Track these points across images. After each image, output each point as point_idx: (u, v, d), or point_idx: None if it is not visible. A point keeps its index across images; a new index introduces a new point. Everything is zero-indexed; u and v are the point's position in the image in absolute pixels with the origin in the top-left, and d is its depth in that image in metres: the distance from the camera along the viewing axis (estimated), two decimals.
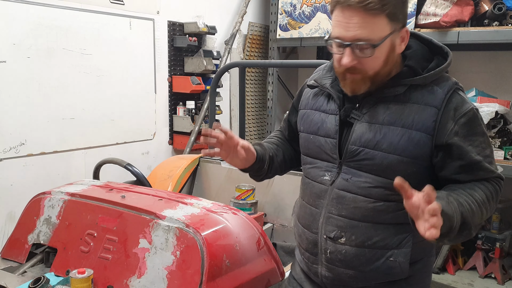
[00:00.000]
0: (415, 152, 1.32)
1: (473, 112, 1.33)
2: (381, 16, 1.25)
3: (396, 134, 1.32)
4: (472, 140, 1.32)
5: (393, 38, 1.30)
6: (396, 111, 1.34)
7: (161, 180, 2.94)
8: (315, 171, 1.48)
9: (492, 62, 4.10)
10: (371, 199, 1.36)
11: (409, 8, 3.65)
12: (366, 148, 1.35)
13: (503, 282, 3.75)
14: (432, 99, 1.33)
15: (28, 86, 2.98)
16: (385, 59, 1.31)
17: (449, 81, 1.37)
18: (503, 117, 3.48)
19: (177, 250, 1.64)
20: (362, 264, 1.40)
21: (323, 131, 1.45)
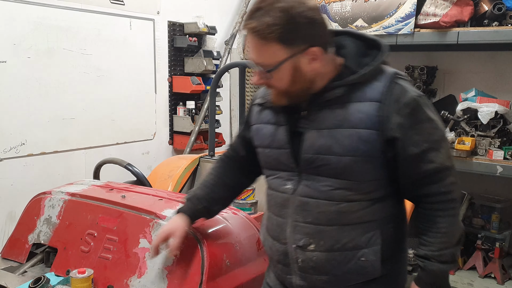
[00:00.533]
0: (366, 150, 1.32)
1: (417, 101, 1.32)
2: (273, 41, 1.26)
3: (346, 135, 1.32)
4: (417, 128, 1.31)
5: (295, 61, 1.29)
6: (341, 113, 1.34)
7: (161, 180, 2.94)
8: (277, 182, 1.47)
9: (492, 62, 4.10)
10: (333, 202, 1.37)
11: (409, 8, 3.65)
12: (320, 155, 1.35)
13: (502, 282, 3.75)
14: (373, 94, 1.33)
15: (28, 86, 2.99)
16: (291, 80, 1.32)
17: (387, 73, 1.36)
18: (503, 117, 3.48)
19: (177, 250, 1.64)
20: (334, 268, 1.40)
21: (276, 143, 1.44)
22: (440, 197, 1.34)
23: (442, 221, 1.33)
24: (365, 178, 1.35)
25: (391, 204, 1.43)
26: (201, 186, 1.68)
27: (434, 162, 1.32)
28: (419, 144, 1.31)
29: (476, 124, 3.51)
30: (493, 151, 3.38)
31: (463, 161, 3.42)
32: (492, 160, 3.37)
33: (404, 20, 3.67)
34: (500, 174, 3.35)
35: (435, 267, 1.33)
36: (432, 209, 1.35)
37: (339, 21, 3.98)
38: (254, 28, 1.26)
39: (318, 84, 1.35)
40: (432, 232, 1.34)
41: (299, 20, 1.25)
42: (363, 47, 1.40)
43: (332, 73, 1.36)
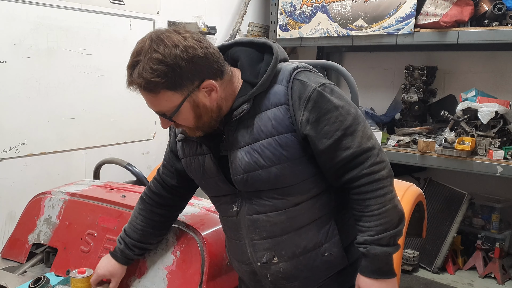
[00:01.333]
0: (289, 154, 1.32)
1: (317, 92, 1.31)
2: (162, 90, 1.25)
3: (266, 146, 1.32)
4: (325, 119, 1.30)
5: (193, 99, 1.29)
6: (254, 126, 1.33)
7: None
8: (223, 207, 1.48)
9: (492, 62, 4.10)
10: (281, 211, 1.38)
11: (409, 8, 3.65)
12: (249, 172, 1.34)
13: (503, 282, 3.75)
14: (277, 99, 1.32)
15: (28, 86, 2.98)
16: (195, 117, 1.32)
17: (285, 72, 1.35)
18: (503, 117, 3.48)
19: (177, 250, 1.65)
20: (303, 271, 1.43)
21: (208, 173, 1.44)
22: (365, 179, 1.31)
23: (373, 203, 1.31)
24: (299, 180, 1.35)
25: (337, 193, 1.43)
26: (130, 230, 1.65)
27: (350, 148, 1.30)
28: (331, 134, 1.30)
29: (476, 124, 3.51)
30: (493, 151, 3.38)
31: (463, 161, 3.42)
32: (492, 160, 3.37)
33: (404, 20, 3.67)
34: (500, 174, 3.35)
35: (378, 251, 1.31)
36: (360, 193, 1.32)
37: (339, 21, 3.98)
38: (139, 84, 1.25)
39: (227, 106, 1.35)
40: (366, 216, 1.32)
41: (179, 64, 1.23)
42: (255, 54, 1.39)
43: (235, 92, 1.35)
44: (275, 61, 1.34)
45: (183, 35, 1.26)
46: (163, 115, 1.33)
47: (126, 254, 1.64)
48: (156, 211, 1.64)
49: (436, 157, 3.52)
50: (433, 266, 3.87)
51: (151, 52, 1.24)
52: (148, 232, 1.64)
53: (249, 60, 1.37)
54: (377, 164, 1.31)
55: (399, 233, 1.33)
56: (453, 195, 4.01)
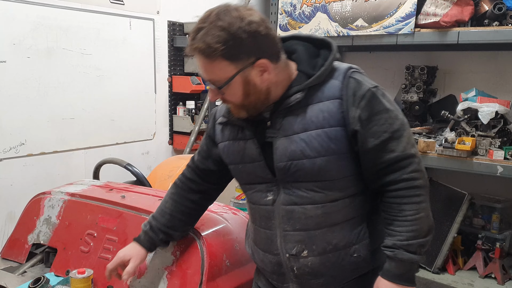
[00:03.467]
0: (337, 147, 1.34)
1: (371, 92, 1.34)
2: (219, 59, 1.28)
3: (314, 137, 1.34)
4: (376, 120, 1.33)
5: (245, 75, 1.31)
6: (305, 116, 1.36)
7: (161, 180, 2.94)
8: (257, 195, 1.48)
9: (492, 62, 4.10)
10: (318, 205, 1.38)
11: (409, 8, 3.65)
12: (293, 161, 1.36)
13: (503, 282, 3.74)
14: (332, 92, 1.35)
15: (28, 86, 2.98)
16: (244, 93, 1.33)
17: (341, 69, 1.38)
18: (503, 117, 3.47)
19: (177, 250, 1.64)
20: (330, 269, 1.43)
21: (247, 158, 1.44)
22: (404, 184, 1.33)
23: (408, 208, 1.32)
24: (341, 175, 1.37)
25: (372, 196, 1.44)
26: (158, 214, 1.65)
27: (395, 151, 1.32)
28: (379, 135, 1.32)
29: (477, 124, 3.50)
30: (494, 151, 3.38)
31: (463, 161, 3.41)
32: (493, 160, 3.36)
33: (404, 20, 3.67)
34: (501, 174, 3.35)
35: (406, 257, 1.32)
36: (396, 197, 1.34)
37: (339, 20, 3.98)
38: (198, 49, 1.28)
39: (276, 93, 1.37)
40: (398, 221, 1.33)
41: (240, 36, 1.26)
42: (312, 49, 1.43)
43: (288, 80, 1.38)
44: (333, 57, 1.38)
45: (250, 12, 1.31)
46: (213, 84, 1.35)
47: (150, 237, 1.62)
48: (188, 196, 1.64)
49: (437, 157, 3.51)
50: (433, 266, 3.87)
51: (217, 20, 1.27)
52: (176, 218, 1.63)
53: (307, 53, 1.41)
54: (417, 172, 1.34)
55: (427, 243, 1.35)
56: (453, 195, 4.00)
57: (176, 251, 1.64)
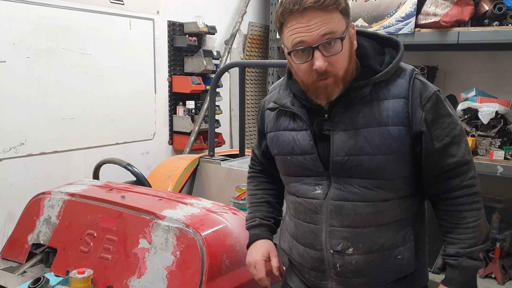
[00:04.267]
0: (398, 147, 1.32)
1: (436, 95, 1.34)
2: (336, 12, 1.26)
3: (376, 134, 1.32)
4: (439, 123, 1.33)
5: (349, 34, 1.30)
6: (368, 112, 1.33)
7: (161, 180, 2.94)
8: (304, 188, 1.44)
9: (492, 62, 4.10)
10: (369, 203, 1.36)
11: (409, 8, 3.65)
12: (351, 156, 1.33)
13: (503, 282, 3.74)
14: (398, 91, 1.33)
15: (28, 86, 2.98)
16: (349, 55, 1.31)
17: (407, 69, 1.37)
18: (503, 117, 3.48)
19: (177, 250, 1.64)
20: (373, 269, 1.40)
21: (298, 149, 1.41)
22: (464, 191, 1.34)
23: (469, 215, 1.33)
24: (398, 176, 1.35)
25: (419, 200, 1.45)
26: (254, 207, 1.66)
27: (455, 156, 1.33)
28: (441, 138, 1.33)
29: (477, 124, 3.50)
30: (494, 151, 3.38)
31: None
32: (493, 160, 3.37)
33: (404, 20, 3.67)
34: (501, 174, 3.35)
35: (470, 264, 1.32)
36: (456, 204, 1.35)
37: None
38: (316, 1, 1.23)
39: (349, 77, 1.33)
40: (460, 228, 1.34)
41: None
42: (377, 46, 1.41)
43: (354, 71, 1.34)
44: (401, 55, 1.37)
45: None
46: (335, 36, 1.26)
47: (264, 226, 1.61)
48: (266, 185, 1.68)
49: None
50: (433, 266, 3.86)
51: None
52: (270, 202, 1.66)
53: (373, 49, 1.40)
54: (475, 178, 1.35)
55: (485, 248, 1.36)
56: None
57: (176, 251, 1.64)
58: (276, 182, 1.65)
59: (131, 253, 1.70)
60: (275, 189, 1.67)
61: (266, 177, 1.69)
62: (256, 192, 1.68)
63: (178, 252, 1.64)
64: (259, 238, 1.59)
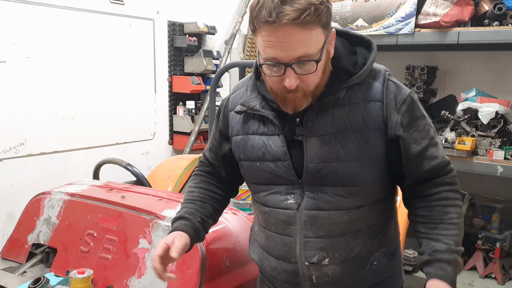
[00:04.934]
0: (374, 153, 1.27)
1: (411, 97, 1.30)
2: (317, 27, 1.14)
3: (352, 139, 1.25)
4: (415, 126, 1.29)
5: (327, 45, 1.20)
6: (342, 116, 1.25)
7: (161, 180, 2.94)
8: (275, 197, 1.34)
9: (492, 62, 4.10)
10: (344, 211, 1.29)
11: (409, 8, 3.65)
12: (326, 163, 1.26)
13: (503, 282, 3.74)
14: (373, 94, 1.27)
15: (28, 86, 2.98)
16: (324, 69, 1.21)
17: (380, 71, 1.31)
18: (503, 117, 3.48)
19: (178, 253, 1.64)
20: (350, 278, 1.36)
21: (270, 156, 1.31)
22: (448, 187, 1.31)
23: (453, 211, 1.30)
24: (372, 181, 1.30)
25: (391, 202, 1.42)
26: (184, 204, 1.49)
27: (437, 158, 1.30)
28: (419, 141, 1.29)
29: (477, 124, 3.50)
30: (494, 151, 3.38)
31: (464, 161, 3.42)
32: (493, 160, 3.37)
33: (404, 20, 3.67)
34: (501, 174, 3.35)
35: (459, 260, 1.27)
36: (440, 199, 1.31)
37: (339, 20, 3.97)
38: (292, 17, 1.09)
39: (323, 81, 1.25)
40: (445, 224, 1.28)
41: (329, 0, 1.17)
42: (348, 45, 1.33)
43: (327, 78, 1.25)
44: (375, 56, 1.30)
45: None
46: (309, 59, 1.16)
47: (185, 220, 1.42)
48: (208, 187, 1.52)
49: None
50: None
51: None
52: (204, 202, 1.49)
53: (346, 49, 1.31)
54: (456, 177, 1.34)
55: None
56: None
57: None
58: (222, 187, 1.54)
59: (131, 253, 1.70)
60: (216, 192, 1.52)
61: (211, 179, 1.54)
62: (193, 189, 1.52)
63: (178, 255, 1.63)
64: (174, 230, 1.40)
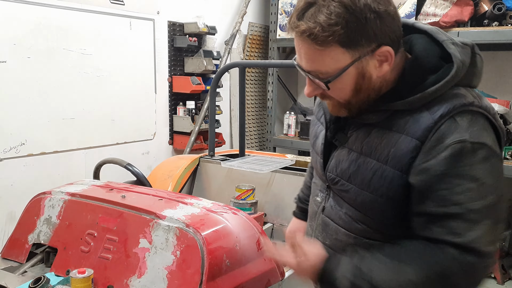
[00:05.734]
0: (388, 192, 1.09)
1: (465, 146, 0.99)
2: (332, 47, 1.00)
3: (369, 168, 1.11)
4: (451, 183, 0.99)
5: (361, 65, 1.04)
6: (375, 139, 1.11)
7: (161, 180, 2.94)
8: (314, 187, 1.35)
9: (492, 62, 4.10)
10: (352, 234, 1.20)
11: (409, 8, 3.66)
12: (341, 179, 1.18)
13: (503, 282, 3.75)
14: (415, 128, 1.04)
15: (28, 86, 2.99)
16: (355, 89, 1.07)
17: (449, 103, 1.03)
18: (503, 117, 3.48)
19: (177, 250, 1.64)
20: None
21: (316, 147, 1.30)
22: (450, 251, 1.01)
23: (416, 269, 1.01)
24: (385, 220, 1.15)
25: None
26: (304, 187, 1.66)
27: (459, 236, 0.99)
28: (445, 203, 1.00)
29: None
30: None
31: None
32: None
33: None
34: None
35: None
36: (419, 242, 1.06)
37: None
38: (306, 32, 1.00)
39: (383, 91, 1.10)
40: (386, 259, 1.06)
41: (367, 16, 0.98)
42: (437, 58, 1.07)
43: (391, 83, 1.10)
44: (447, 83, 1.04)
45: None
46: (317, 77, 1.06)
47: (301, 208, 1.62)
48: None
49: None
50: None
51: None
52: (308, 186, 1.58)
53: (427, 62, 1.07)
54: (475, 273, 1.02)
55: None
56: None
57: (176, 250, 1.65)
58: None
59: (131, 253, 1.71)
60: None
61: None
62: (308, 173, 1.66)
63: (178, 252, 1.64)
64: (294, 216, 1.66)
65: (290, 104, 5.12)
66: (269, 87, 4.81)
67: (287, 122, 4.83)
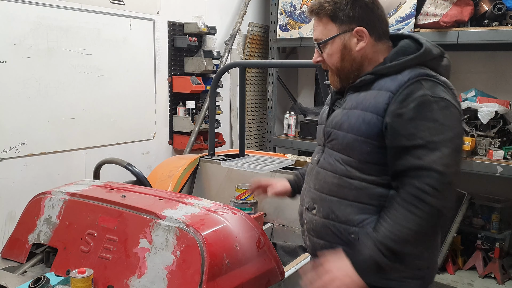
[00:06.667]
0: (366, 131, 1.43)
1: (427, 99, 1.36)
2: (325, 18, 1.50)
3: (355, 116, 1.46)
4: (417, 123, 1.34)
5: (344, 38, 1.49)
6: (361, 97, 1.48)
7: (161, 180, 2.94)
8: (312, 157, 1.69)
9: (492, 62, 4.11)
10: (336, 175, 1.51)
11: (409, 8, 3.66)
12: (334, 129, 1.53)
13: (502, 282, 3.75)
14: (390, 85, 1.42)
15: (28, 86, 2.99)
16: (341, 57, 1.51)
17: (416, 71, 1.42)
18: (503, 117, 3.48)
19: (177, 250, 1.65)
20: (329, 235, 1.53)
21: (321, 120, 1.65)
22: (413, 191, 1.33)
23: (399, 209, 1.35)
24: (366, 159, 1.45)
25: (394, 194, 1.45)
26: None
27: (421, 160, 1.33)
28: (413, 138, 1.34)
29: (476, 124, 3.51)
30: (493, 151, 3.39)
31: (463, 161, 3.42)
32: (492, 160, 3.37)
33: (404, 20, 3.67)
34: (500, 174, 3.35)
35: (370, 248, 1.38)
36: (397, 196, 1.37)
37: None
38: (311, 7, 1.52)
39: (366, 70, 1.50)
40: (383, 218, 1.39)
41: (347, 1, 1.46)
42: (414, 48, 1.49)
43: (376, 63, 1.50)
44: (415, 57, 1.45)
45: None
46: (317, 42, 1.53)
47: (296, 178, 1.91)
48: None
49: None
50: None
51: None
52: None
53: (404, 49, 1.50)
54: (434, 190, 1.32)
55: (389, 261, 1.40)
56: None
57: (176, 250, 1.65)
58: None
59: (131, 253, 1.71)
60: None
61: None
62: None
63: (178, 252, 1.64)
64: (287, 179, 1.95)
65: (290, 104, 5.12)
66: (269, 87, 4.81)
67: (287, 122, 4.83)
